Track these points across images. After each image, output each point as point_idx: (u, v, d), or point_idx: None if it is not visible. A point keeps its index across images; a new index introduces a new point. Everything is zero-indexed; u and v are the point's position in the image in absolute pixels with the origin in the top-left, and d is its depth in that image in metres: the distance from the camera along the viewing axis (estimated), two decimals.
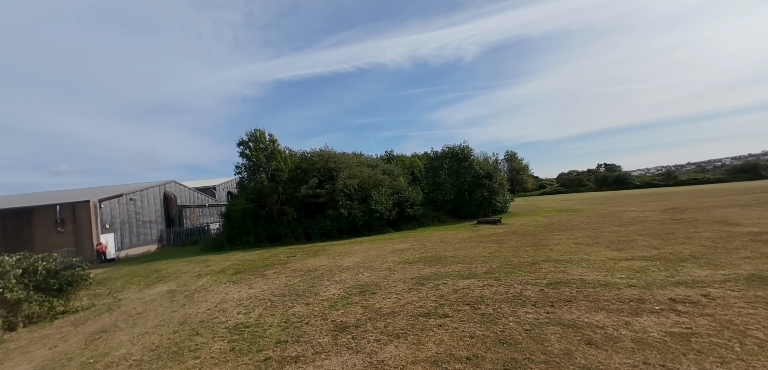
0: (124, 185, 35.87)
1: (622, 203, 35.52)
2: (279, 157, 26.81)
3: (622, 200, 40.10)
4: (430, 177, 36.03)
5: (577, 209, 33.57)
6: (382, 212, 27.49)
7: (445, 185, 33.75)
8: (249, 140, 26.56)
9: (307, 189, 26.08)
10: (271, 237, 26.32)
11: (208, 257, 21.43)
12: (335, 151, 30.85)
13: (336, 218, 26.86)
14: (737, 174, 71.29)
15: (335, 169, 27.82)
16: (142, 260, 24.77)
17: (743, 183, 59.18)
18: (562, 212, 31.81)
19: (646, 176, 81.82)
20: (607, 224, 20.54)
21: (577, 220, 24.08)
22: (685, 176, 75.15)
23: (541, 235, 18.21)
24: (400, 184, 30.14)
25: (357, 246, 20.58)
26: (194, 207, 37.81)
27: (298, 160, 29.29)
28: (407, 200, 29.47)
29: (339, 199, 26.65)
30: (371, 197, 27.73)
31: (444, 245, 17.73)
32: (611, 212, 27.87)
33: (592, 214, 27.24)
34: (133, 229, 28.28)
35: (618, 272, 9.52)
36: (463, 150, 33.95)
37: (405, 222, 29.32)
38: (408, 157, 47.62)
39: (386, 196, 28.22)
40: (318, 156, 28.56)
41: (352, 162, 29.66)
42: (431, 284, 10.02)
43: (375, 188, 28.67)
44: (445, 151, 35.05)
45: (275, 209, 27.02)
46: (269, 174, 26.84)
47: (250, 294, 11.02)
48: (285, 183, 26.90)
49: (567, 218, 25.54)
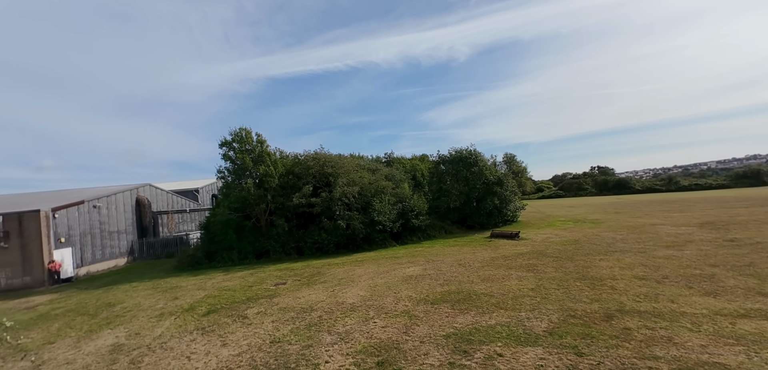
0: (90, 188, 31.98)
1: (640, 213, 33.04)
2: (268, 160, 23.42)
3: (638, 209, 37.68)
4: (435, 183, 32.99)
5: (595, 219, 30.89)
6: (385, 223, 24.33)
7: (452, 191, 30.76)
8: (233, 140, 23.11)
9: (300, 198, 22.76)
10: (257, 252, 22.92)
11: (180, 281, 17.95)
12: (332, 154, 27.56)
13: (333, 231, 23.60)
14: (739, 180, 70.17)
15: (332, 174, 24.53)
16: (104, 280, 21.11)
17: (753, 190, 57.76)
18: (580, 222, 29.08)
19: (646, 181, 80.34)
20: (648, 244, 17.73)
21: (607, 236, 21.26)
22: (686, 182, 73.75)
23: (581, 260, 15.27)
24: (404, 191, 27.01)
25: (359, 268, 17.38)
26: (172, 213, 34.06)
27: (290, 163, 25.93)
28: (412, 210, 26.36)
29: (336, 209, 23.38)
30: (373, 207, 24.54)
31: (465, 271, 14.68)
32: (637, 224, 25.18)
33: (618, 227, 24.50)
34: (98, 241, 24.53)
35: (757, 344, 6.53)
36: (472, 154, 31.00)
37: (409, 234, 26.22)
38: (408, 159, 44.54)
39: (389, 205, 25.05)
40: (313, 159, 25.22)
41: (350, 166, 26.41)
42: (480, 356, 6.90)
43: (377, 196, 25.49)
44: (451, 154, 32.05)
45: (263, 219, 23.63)
46: (256, 180, 23.42)
47: (221, 361, 7.76)
48: (275, 190, 23.53)
49: (593, 233, 22.72)
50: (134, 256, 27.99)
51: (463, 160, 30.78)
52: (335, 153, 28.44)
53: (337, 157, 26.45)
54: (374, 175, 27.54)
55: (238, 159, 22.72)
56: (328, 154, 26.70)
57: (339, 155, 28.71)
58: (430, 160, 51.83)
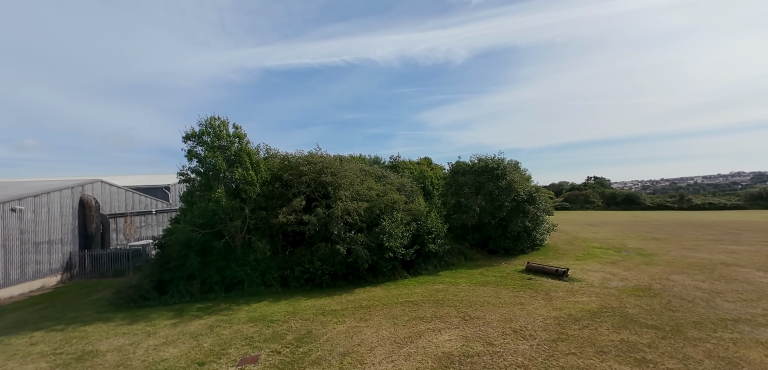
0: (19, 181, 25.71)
1: (687, 242, 28.28)
2: (248, 161, 17.73)
3: (677, 235, 32.97)
4: (452, 195, 27.70)
5: (638, 247, 25.99)
6: (397, 249, 18.93)
7: (472, 207, 25.51)
8: (202, 133, 17.35)
9: (288, 214, 17.19)
10: (228, 283, 17.29)
11: (100, 337, 12.24)
12: (330, 155, 21.96)
13: (329, 258, 18.12)
14: (754, 201, 66.89)
15: (332, 184, 18.95)
16: (12, 313, 15.24)
17: None
18: (623, 252, 24.08)
19: (656, 198, 76.70)
20: (761, 302, 12.72)
21: (685, 282, 16.25)
22: (699, 200, 70.23)
23: (693, 332, 10.21)
24: (420, 207, 21.64)
25: (367, 328, 11.99)
26: (132, 216, 28.04)
27: (277, 166, 20.27)
28: (429, 232, 21.01)
29: (335, 229, 17.89)
30: (381, 227, 19.14)
31: (531, 351, 9.46)
32: (704, 262, 20.26)
33: (685, 266, 19.53)
34: (16, 256, 18.52)
35: None
36: (500, 164, 25.78)
37: (423, 261, 20.86)
38: (415, 163, 39.13)
39: (402, 225, 19.69)
40: (307, 163, 19.54)
41: (352, 173, 20.91)
42: None
43: (386, 213, 20.09)
44: (473, 164, 26.79)
45: (238, 239, 17.98)
46: (232, 186, 17.72)
47: None
48: (255, 201, 17.89)
49: (661, 275, 17.69)
50: (72, 273, 22.01)
51: (488, 171, 25.56)
52: (333, 153, 22.80)
53: (336, 160, 20.81)
54: (382, 185, 22.10)
55: (209, 158, 16.99)
56: (326, 156, 21.07)
57: (338, 157, 23.09)
58: (438, 166, 46.62)
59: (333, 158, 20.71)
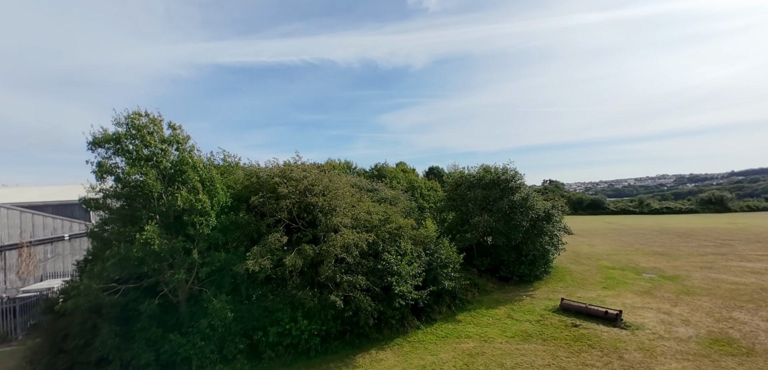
0: None
1: (694, 254, 26.58)
2: (195, 178, 11.94)
3: (677, 246, 31.60)
4: (456, 210, 23.52)
5: (670, 274, 23.53)
6: (407, 294, 14.23)
7: (478, 225, 21.51)
8: (120, 137, 11.28)
9: (261, 258, 11.72)
10: (166, 363, 11.45)
11: None
12: (312, 166, 16.60)
13: (319, 312, 12.96)
14: (706, 206, 71.08)
15: (323, 208, 13.65)
16: None
17: (741, 217, 57.07)
18: (655, 277, 21.35)
19: (619, 202, 79.43)
20: None
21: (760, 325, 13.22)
22: (657, 205, 73.47)
23: None
24: (428, 232, 17.11)
25: None
26: (30, 246, 20.42)
27: (241, 182, 14.57)
28: (444, 265, 16.55)
29: (329, 270, 12.77)
30: (386, 263, 14.34)
31: None
32: (750, 287, 17.84)
33: (739, 297, 16.90)
34: None
35: None
36: (514, 177, 22.03)
37: (434, 301, 16.33)
38: (401, 171, 34.56)
39: (414, 259, 15.06)
40: (284, 177, 13.94)
41: (345, 189, 15.79)
42: None
43: (390, 243, 15.30)
44: (480, 175, 22.80)
45: (183, 295, 12.18)
46: (171, 219, 11.81)
47: None
48: (210, 238, 12.16)
49: (721, 312, 14.72)
50: None
51: (498, 185, 21.67)
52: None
53: (323, 173, 15.44)
54: (381, 205, 17.24)
55: (132, 174, 11.03)
56: (310, 167, 15.61)
57: (320, 169, 17.64)
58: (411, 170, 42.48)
59: (319, 171, 15.40)
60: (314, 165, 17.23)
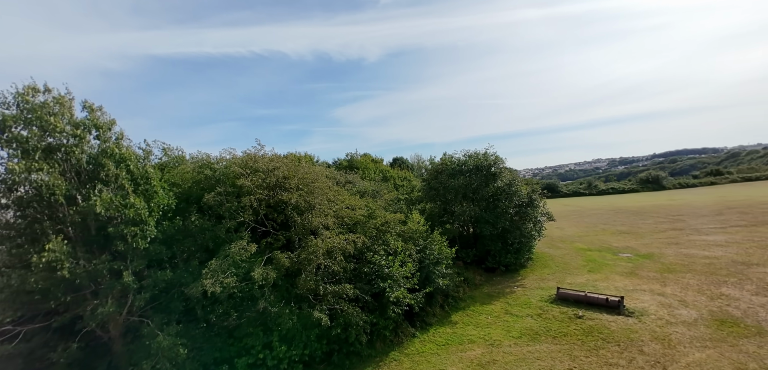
0: None
1: (655, 232, 27.69)
2: (124, 174, 8.84)
3: (639, 225, 32.99)
4: (435, 200, 21.92)
5: (644, 252, 23.89)
6: (402, 299, 12.29)
7: (462, 215, 20.17)
8: (11, 119, 7.89)
9: (222, 274, 8.98)
10: None
11: None
12: (285, 156, 13.88)
13: (300, 333, 10.54)
14: (645, 184, 77.53)
15: (298, 206, 11.09)
16: None
17: (673, 194, 62.30)
18: (632, 257, 21.46)
19: (570, 185, 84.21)
20: None
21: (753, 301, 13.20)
22: (605, 186, 78.96)
23: None
24: (417, 226, 15.27)
25: None
26: None
27: (189, 180, 11.49)
28: (437, 262, 14.81)
29: (311, 282, 10.39)
30: (376, 265, 12.24)
31: None
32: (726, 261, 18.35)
33: (719, 272, 17.18)
34: None
35: None
36: (497, 161, 20.88)
37: (428, 302, 14.56)
38: (369, 161, 32.36)
39: (406, 258, 13.12)
40: (247, 168, 11.16)
41: (324, 183, 13.34)
42: None
43: (379, 242, 13.19)
44: (463, 162, 21.38)
45: (116, 330, 9.09)
46: (92, 231, 8.61)
47: None
48: (150, 253, 9.14)
49: (711, 288, 14.65)
50: None
51: (481, 171, 20.39)
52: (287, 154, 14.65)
53: (299, 165, 12.77)
54: (362, 199, 15.00)
55: (21, 172, 7.74)
56: (280, 158, 12.87)
57: (292, 158, 14.94)
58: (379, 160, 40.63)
59: (291, 161, 12.74)
60: (292, 157, 14.50)
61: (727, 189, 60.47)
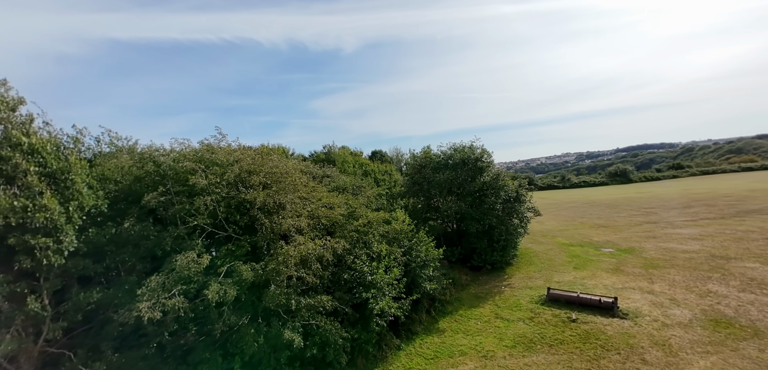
0: None
1: (631, 226, 28.03)
2: (25, 166, 6.83)
3: (614, 217, 33.46)
4: (418, 195, 20.71)
5: (625, 247, 23.82)
6: (387, 310, 10.95)
7: (448, 211, 19.13)
8: None
9: (169, 297, 7.20)
10: None
11: None
12: (248, 148, 12.05)
13: (268, 356, 8.93)
14: (613, 178, 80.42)
15: (265, 206, 9.37)
16: None
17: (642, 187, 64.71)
18: (615, 252, 21.27)
19: (545, 178, 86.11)
20: None
21: (755, 297, 12.95)
22: (577, 180, 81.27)
23: None
24: (402, 225, 13.97)
25: None
26: None
27: (127, 175, 9.44)
28: (424, 265, 13.57)
29: (282, 297, 8.77)
30: (357, 272, 10.80)
31: None
32: (707, 256, 18.41)
33: (701, 267, 17.10)
34: None
35: None
36: (483, 154, 19.89)
37: (414, 309, 13.31)
38: (348, 154, 30.67)
39: (393, 265, 11.77)
40: (199, 161, 9.34)
41: (296, 177, 11.63)
42: None
43: (357, 244, 11.74)
44: (448, 155, 20.24)
45: (31, 365, 7.09)
46: None
47: None
48: (68, 271, 7.19)
49: (714, 288, 14.38)
50: None
51: (467, 165, 19.33)
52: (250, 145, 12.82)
53: (266, 158, 11.00)
54: (346, 198, 13.45)
55: None
56: (245, 150, 11.06)
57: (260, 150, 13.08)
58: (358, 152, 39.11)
59: (257, 153, 10.95)
60: (250, 148, 12.62)
61: (688, 182, 63.57)
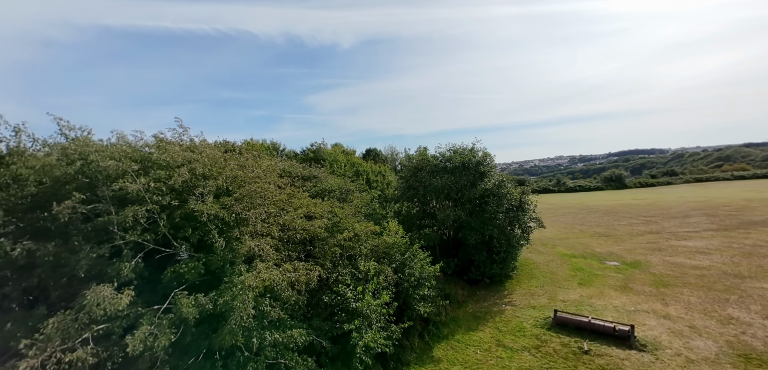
0: None
1: (632, 235, 26.78)
2: None
3: (615, 226, 32.22)
4: (415, 199, 19.02)
5: (630, 260, 22.43)
6: (372, 345, 9.20)
7: (446, 220, 17.48)
8: None
9: (73, 343, 5.34)
10: None
11: None
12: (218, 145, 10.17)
13: None
14: (608, 182, 79.93)
15: (223, 221, 7.52)
16: None
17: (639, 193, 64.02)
18: (621, 267, 19.85)
19: (540, 181, 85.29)
20: None
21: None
22: (572, 184, 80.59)
23: None
24: (397, 238, 12.25)
25: None
26: None
27: (44, 175, 7.49)
28: (418, 284, 11.88)
29: (237, 333, 6.93)
30: (342, 299, 9.03)
31: None
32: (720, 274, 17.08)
33: (715, 287, 15.71)
34: None
35: None
36: (485, 158, 18.26)
37: (406, 334, 11.62)
38: (339, 152, 28.80)
39: (383, 288, 10.04)
40: (139, 162, 7.48)
41: (267, 186, 9.74)
42: None
43: (346, 260, 9.99)
44: (447, 157, 18.55)
45: None
46: None
47: None
48: None
49: (734, 313, 12.94)
50: None
51: (467, 170, 17.66)
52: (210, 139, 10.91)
53: (230, 157, 9.17)
54: (331, 205, 11.65)
55: None
56: (209, 146, 9.21)
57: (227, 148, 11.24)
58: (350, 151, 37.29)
59: (215, 151, 9.09)
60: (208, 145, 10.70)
61: (683, 189, 63.07)
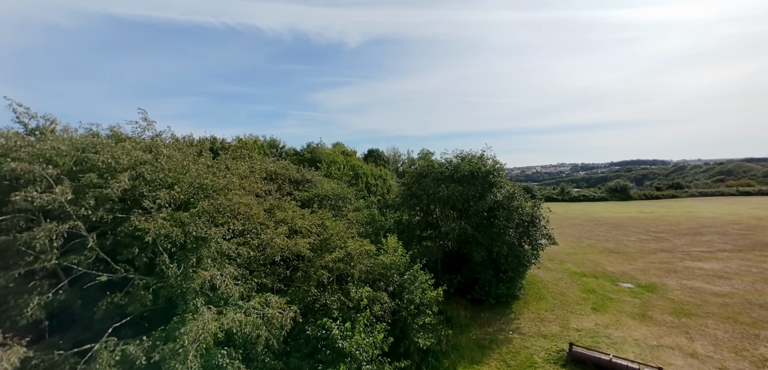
0: None
1: (644, 252, 25.30)
2: None
3: (627, 242, 30.72)
4: (418, 208, 17.55)
5: (644, 283, 20.98)
6: None
7: (451, 234, 15.97)
8: None
9: None
10: None
11: None
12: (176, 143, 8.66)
13: None
14: (613, 193, 78.45)
15: (172, 241, 6.06)
16: None
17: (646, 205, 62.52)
18: (636, 290, 18.38)
19: (544, 189, 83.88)
20: None
21: None
22: (576, 192, 79.18)
23: None
24: (396, 257, 10.74)
25: None
26: None
27: None
28: (417, 312, 10.40)
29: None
30: (327, 336, 7.55)
31: None
32: (742, 302, 15.68)
33: (740, 318, 14.28)
34: None
35: None
36: (496, 167, 16.77)
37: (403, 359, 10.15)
38: (338, 153, 27.27)
39: (376, 321, 8.56)
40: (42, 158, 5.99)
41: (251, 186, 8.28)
42: None
43: (330, 287, 8.51)
44: (454, 165, 17.07)
45: None
46: None
47: None
48: None
49: None
50: None
51: (477, 178, 16.17)
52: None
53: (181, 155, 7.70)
54: (321, 217, 10.20)
55: None
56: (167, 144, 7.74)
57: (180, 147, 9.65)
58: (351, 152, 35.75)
59: (165, 149, 7.60)
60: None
61: (690, 204, 61.51)
